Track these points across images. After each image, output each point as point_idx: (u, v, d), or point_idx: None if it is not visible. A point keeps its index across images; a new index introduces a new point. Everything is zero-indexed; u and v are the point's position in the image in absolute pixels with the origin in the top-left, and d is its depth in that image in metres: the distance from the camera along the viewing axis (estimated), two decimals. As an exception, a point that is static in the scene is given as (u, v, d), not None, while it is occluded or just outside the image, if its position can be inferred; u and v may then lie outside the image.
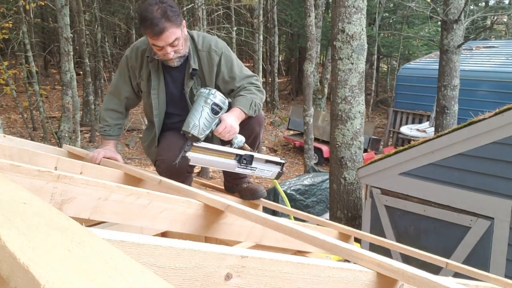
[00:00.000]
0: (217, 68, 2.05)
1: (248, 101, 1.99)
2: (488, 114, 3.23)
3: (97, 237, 0.52)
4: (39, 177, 1.12)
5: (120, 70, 2.17)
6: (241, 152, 1.97)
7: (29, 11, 10.91)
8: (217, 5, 13.73)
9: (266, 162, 2.08)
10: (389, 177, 3.85)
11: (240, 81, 2.07)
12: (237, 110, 1.96)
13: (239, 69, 2.09)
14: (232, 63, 2.08)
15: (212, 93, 1.88)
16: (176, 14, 1.86)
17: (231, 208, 1.36)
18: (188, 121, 1.86)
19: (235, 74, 2.06)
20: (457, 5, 6.07)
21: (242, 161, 1.96)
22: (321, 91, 13.33)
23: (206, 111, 1.85)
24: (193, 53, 2.03)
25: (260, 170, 2.04)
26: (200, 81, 2.08)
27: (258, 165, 2.03)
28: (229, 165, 1.98)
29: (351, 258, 1.00)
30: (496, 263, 3.24)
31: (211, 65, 2.04)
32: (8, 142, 2.03)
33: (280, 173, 2.13)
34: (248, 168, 2.00)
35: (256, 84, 2.10)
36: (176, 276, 0.63)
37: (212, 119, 1.87)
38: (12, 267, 0.40)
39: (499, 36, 18.13)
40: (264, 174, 2.06)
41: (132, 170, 1.87)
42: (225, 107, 1.91)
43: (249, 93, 2.02)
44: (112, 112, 2.21)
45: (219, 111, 1.88)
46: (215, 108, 1.86)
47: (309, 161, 9.21)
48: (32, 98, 11.03)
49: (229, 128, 1.89)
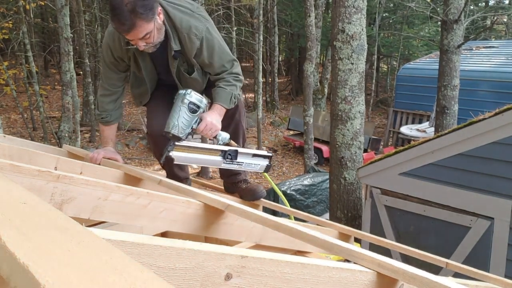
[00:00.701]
0: (198, 51, 2.01)
1: (228, 95, 2.03)
2: (488, 114, 3.23)
3: (97, 237, 0.52)
4: (39, 177, 1.12)
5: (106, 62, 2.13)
6: (225, 148, 2.01)
7: (29, 11, 10.91)
8: (217, 5, 13.73)
9: (253, 156, 2.10)
10: (389, 177, 3.85)
11: (219, 68, 2.06)
12: (217, 107, 2.01)
13: (219, 56, 2.05)
14: (213, 49, 2.02)
15: (188, 93, 1.92)
16: (148, 9, 1.77)
17: (231, 208, 1.36)
18: (168, 122, 1.91)
19: (215, 61, 2.05)
20: (457, 5, 6.08)
21: (227, 156, 2.00)
22: (321, 91, 13.33)
23: (184, 111, 1.90)
24: (173, 34, 1.97)
25: (247, 165, 2.07)
26: (182, 58, 2.06)
27: (245, 160, 2.06)
28: (214, 162, 2.02)
29: (351, 258, 1.00)
30: (496, 263, 3.24)
31: (192, 48, 1.99)
32: (8, 142, 2.03)
33: (269, 166, 2.15)
34: (235, 163, 2.03)
35: (235, 73, 2.09)
36: (176, 276, 0.63)
37: (190, 118, 1.92)
38: (12, 267, 0.40)
39: (499, 36, 18.13)
40: (251, 168, 2.09)
41: (132, 170, 1.87)
42: (202, 106, 1.95)
43: (228, 85, 2.05)
44: (108, 97, 2.20)
45: (196, 109, 1.93)
46: (192, 107, 1.91)
47: (309, 161, 9.21)
48: (32, 98, 11.03)
49: (209, 126, 1.94)
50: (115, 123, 2.25)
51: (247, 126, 14.39)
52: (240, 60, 23.65)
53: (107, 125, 2.22)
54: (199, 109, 1.93)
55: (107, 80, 2.18)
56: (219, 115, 2.00)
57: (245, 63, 25.73)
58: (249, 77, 21.60)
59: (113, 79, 2.17)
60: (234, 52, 13.67)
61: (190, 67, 2.08)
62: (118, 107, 2.24)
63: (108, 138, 2.24)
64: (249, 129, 14.27)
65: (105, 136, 2.26)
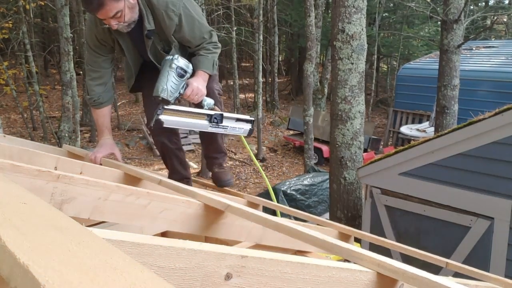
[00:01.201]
0: (177, 28, 2.02)
1: (210, 61, 2.10)
2: (488, 114, 3.23)
3: (97, 237, 0.52)
4: (39, 177, 1.12)
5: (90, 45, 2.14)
6: (211, 112, 2.09)
7: (29, 11, 10.91)
8: (217, 5, 13.74)
9: (237, 120, 2.19)
10: (389, 177, 3.85)
11: (200, 40, 2.10)
12: (201, 73, 2.07)
13: (199, 29, 2.07)
14: (193, 24, 2.04)
15: (175, 58, 1.96)
16: None
17: (231, 208, 1.36)
18: (157, 86, 1.96)
19: (196, 35, 2.08)
20: (457, 5, 6.07)
21: (213, 120, 2.08)
22: (321, 91, 13.33)
23: (172, 75, 1.95)
24: (147, 13, 1.98)
25: (232, 128, 2.17)
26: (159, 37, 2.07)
27: (229, 124, 2.16)
28: (201, 125, 2.10)
29: (351, 258, 1.00)
30: (496, 262, 3.24)
31: (170, 25, 2.00)
32: (8, 142, 2.03)
33: (251, 130, 2.25)
34: (220, 127, 2.13)
35: (213, 41, 2.14)
36: (176, 276, 0.63)
37: (178, 82, 1.97)
38: (12, 267, 0.40)
39: (499, 36, 18.14)
40: (236, 132, 2.19)
41: (132, 170, 1.87)
42: (189, 71, 2.00)
43: (209, 53, 2.11)
44: (96, 80, 2.21)
45: (184, 74, 1.98)
46: (180, 72, 1.97)
47: (309, 161, 9.21)
48: (32, 98, 11.03)
49: (196, 90, 2.01)
50: (107, 105, 2.25)
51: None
52: (240, 60, 23.67)
53: (99, 108, 2.23)
54: (186, 73, 1.99)
55: (93, 64, 2.19)
56: (203, 80, 2.07)
57: (245, 63, 25.73)
58: (249, 77, 21.60)
59: (98, 62, 2.19)
60: (234, 52, 13.67)
61: (167, 45, 2.10)
62: (108, 90, 2.25)
63: (103, 126, 2.25)
64: (249, 129, 14.24)
65: (100, 125, 2.26)
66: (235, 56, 13.86)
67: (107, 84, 2.24)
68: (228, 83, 19.67)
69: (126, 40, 2.10)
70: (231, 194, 2.28)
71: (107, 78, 2.24)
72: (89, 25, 2.12)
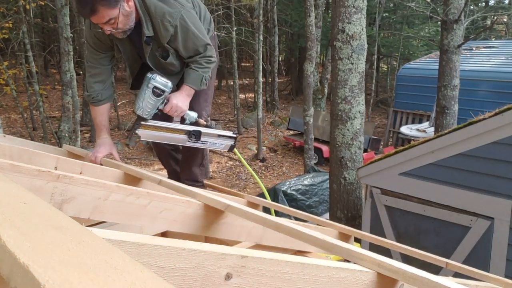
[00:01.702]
0: (172, 38, 2.02)
1: (198, 77, 2.10)
2: (488, 114, 3.23)
3: (97, 237, 0.52)
4: (39, 177, 1.12)
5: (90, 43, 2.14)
6: (189, 128, 2.13)
7: (29, 11, 10.91)
8: (217, 5, 13.73)
9: (218, 136, 2.22)
10: (389, 177, 3.85)
11: (193, 52, 2.09)
12: (186, 88, 2.10)
13: (193, 42, 2.06)
14: (187, 36, 2.03)
15: (153, 78, 2.01)
16: None
17: (231, 208, 1.36)
18: (135, 103, 2.05)
19: (189, 47, 2.07)
20: (457, 5, 6.07)
21: (191, 136, 2.13)
22: (321, 91, 13.32)
23: (148, 94, 2.02)
24: (146, 19, 1.98)
25: (212, 144, 2.21)
26: (157, 44, 2.07)
27: (209, 139, 2.19)
28: (179, 140, 2.16)
29: (351, 258, 1.00)
30: (496, 263, 3.24)
31: (165, 35, 2.00)
32: (8, 142, 2.03)
33: (233, 146, 2.27)
34: (199, 142, 2.17)
35: (208, 55, 2.12)
36: (176, 276, 0.63)
37: (155, 101, 2.04)
38: (12, 267, 0.40)
39: (499, 36, 18.13)
40: (216, 147, 2.23)
41: (132, 169, 1.87)
42: (167, 89, 2.05)
43: (199, 68, 2.11)
44: (96, 77, 2.21)
45: (161, 93, 2.04)
46: (156, 91, 2.03)
47: (309, 161, 9.21)
48: (32, 98, 11.03)
49: (174, 108, 2.06)
50: (106, 102, 2.25)
51: (246, 125, 14.39)
52: (240, 60, 23.67)
53: (98, 106, 2.22)
54: (164, 93, 2.04)
55: (93, 61, 2.19)
56: (187, 96, 2.10)
57: (245, 63, 25.73)
58: (249, 77, 21.60)
59: (97, 59, 2.19)
60: (234, 52, 13.67)
61: (165, 52, 2.10)
62: (107, 88, 2.25)
63: (101, 125, 2.25)
64: (249, 129, 14.27)
65: (98, 124, 2.26)
66: (235, 56, 13.86)
67: (106, 82, 2.24)
68: (228, 83, 19.68)
69: (124, 43, 2.10)
70: (232, 194, 2.29)
71: (107, 75, 2.24)
72: (88, 23, 2.11)
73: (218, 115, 16.05)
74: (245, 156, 11.70)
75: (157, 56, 2.10)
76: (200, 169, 2.49)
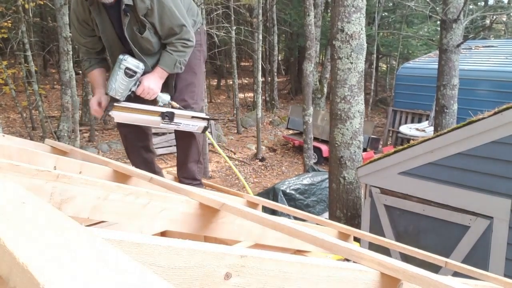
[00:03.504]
0: (148, 12, 2.02)
1: (172, 60, 2.11)
2: (487, 114, 3.23)
3: (96, 236, 0.52)
4: (38, 177, 1.12)
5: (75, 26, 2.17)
6: (163, 109, 2.15)
7: (28, 10, 10.89)
8: (216, 4, 13.72)
9: (192, 118, 2.23)
10: (388, 176, 3.85)
11: (168, 31, 2.09)
12: (159, 70, 2.12)
13: (169, 19, 2.05)
14: (163, 11, 2.03)
15: (124, 59, 2.03)
16: None
17: (226, 207, 1.36)
18: (108, 84, 2.06)
19: (164, 24, 2.06)
20: (456, 4, 6.08)
21: (164, 117, 2.14)
22: (320, 90, 13.32)
23: (120, 75, 2.03)
24: None
25: (185, 125, 2.22)
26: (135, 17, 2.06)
27: (183, 121, 2.20)
28: (153, 122, 2.18)
29: (351, 257, 1.00)
30: (495, 262, 3.24)
31: (141, 7, 2.00)
32: (7, 141, 2.03)
33: (206, 127, 2.29)
34: (172, 124, 2.18)
35: (184, 38, 2.11)
36: (175, 276, 0.63)
37: (127, 82, 2.06)
38: (11, 266, 0.40)
39: (498, 35, 18.15)
40: (189, 128, 2.25)
41: (121, 167, 1.86)
42: (139, 71, 2.07)
43: (174, 51, 2.11)
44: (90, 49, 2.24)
45: (133, 74, 2.05)
46: (129, 72, 2.04)
47: (308, 161, 9.21)
48: (31, 97, 11.01)
49: (147, 90, 2.08)
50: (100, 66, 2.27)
51: (246, 125, 14.40)
52: (240, 59, 23.66)
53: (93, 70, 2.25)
54: (136, 74, 2.06)
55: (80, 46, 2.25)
56: (159, 78, 2.12)
57: (244, 62, 25.72)
58: (248, 77, 21.59)
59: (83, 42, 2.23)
60: (233, 52, 13.67)
61: (142, 27, 2.10)
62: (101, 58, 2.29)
63: (99, 84, 2.27)
64: (249, 129, 14.27)
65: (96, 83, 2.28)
66: (234, 55, 13.85)
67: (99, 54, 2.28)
68: (228, 83, 19.67)
69: (104, 19, 2.11)
70: (231, 194, 2.29)
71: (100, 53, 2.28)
72: (72, 6, 2.16)
73: (218, 114, 16.05)
74: (244, 155, 11.70)
75: (135, 31, 2.10)
76: (198, 167, 2.46)
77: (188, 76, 2.31)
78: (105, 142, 11.46)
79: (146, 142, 2.48)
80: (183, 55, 2.14)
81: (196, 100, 2.36)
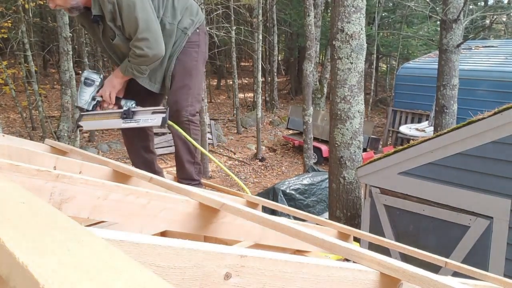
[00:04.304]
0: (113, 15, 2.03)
1: (125, 64, 2.17)
2: (487, 114, 3.23)
3: (97, 236, 0.52)
4: (38, 177, 1.12)
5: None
6: (120, 110, 2.25)
7: (28, 10, 10.89)
8: (216, 4, 13.72)
9: (153, 113, 2.29)
10: (388, 176, 3.85)
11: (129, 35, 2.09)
12: (115, 71, 2.25)
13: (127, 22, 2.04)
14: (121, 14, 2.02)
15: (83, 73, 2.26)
16: None
17: (226, 207, 1.35)
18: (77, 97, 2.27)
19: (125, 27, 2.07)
20: (456, 4, 6.08)
21: (123, 116, 2.23)
22: (320, 90, 13.33)
23: (82, 86, 2.23)
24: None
25: (144, 121, 2.29)
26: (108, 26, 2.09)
27: (142, 117, 2.28)
28: (116, 124, 2.28)
29: (350, 257, 1.00)
30: (495, 262, 3.24)
31: (106, 12, 2.02)
32: (7, 141, 2.03)
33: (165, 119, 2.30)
34: (133, 122, 2.26)
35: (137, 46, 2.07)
36: (175, 276, 0.63)
37: (88, 90, 2.24)
38: (11, 266, 0.40)
39: (498, 35, 18.15)
40: (148, 123, 2.30)
41: (120, 166, 1.86)
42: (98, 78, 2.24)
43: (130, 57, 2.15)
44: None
45: (91, 83, 2.23)
46: (87, 81, 2.23)
47: (308, 161, 9.21)
48: (31, 97, 11.01)
49: (103, 89, 2.21)
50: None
51: (246, 125, 14.40)
52: (240, 59, 23.65)
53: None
54: (94, 82, 2.23)
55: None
56: (114, 77, 2.22)
57: (244, 62, 25.72)
58: (248, 77, 21.60)
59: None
60: (233, 52, 13.67)
61: (112, 33, 2.13)
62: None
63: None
64: (249, 129, 14.27)
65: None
66: (234, 55, 13.86)
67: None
68: (228, 83, 19.67)
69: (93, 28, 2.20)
70: (231, 194, 2.28)
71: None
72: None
73: (218, 114, 16.05)
74: (244, 155, 11.70)
75: (107, 37, 2.15)
76: (195, 167, 2.45)
77: (183, 78, 2.29)
78: (105, 142, 11.47)
79: (147, 142, 2.48)
80: (134, 62, 2.12)
81: (191, 102, 2.32)
